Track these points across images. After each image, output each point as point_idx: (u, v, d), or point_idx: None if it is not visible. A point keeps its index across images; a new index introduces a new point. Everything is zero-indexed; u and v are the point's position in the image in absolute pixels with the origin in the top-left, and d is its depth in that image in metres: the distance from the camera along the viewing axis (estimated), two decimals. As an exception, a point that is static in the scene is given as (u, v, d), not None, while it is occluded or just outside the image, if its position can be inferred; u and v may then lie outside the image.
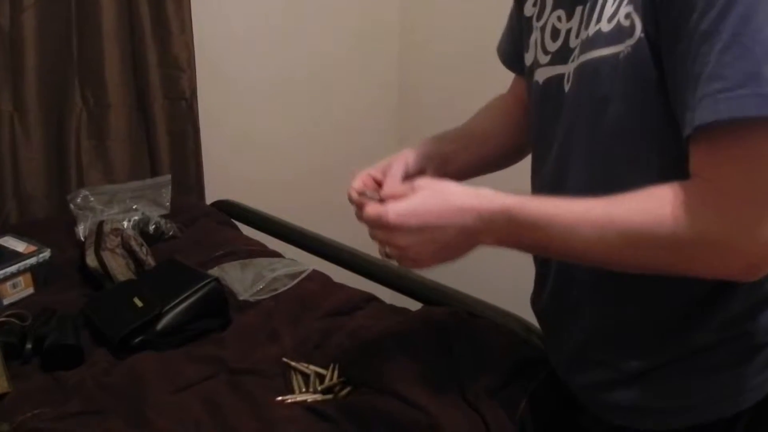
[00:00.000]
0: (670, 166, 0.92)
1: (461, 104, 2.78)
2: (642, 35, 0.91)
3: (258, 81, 2.67)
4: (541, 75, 1.14)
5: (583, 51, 1.02)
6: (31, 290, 1.72)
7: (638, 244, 0.90)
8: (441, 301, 1.64)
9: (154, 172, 2.37)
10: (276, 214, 2.28)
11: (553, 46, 1.10)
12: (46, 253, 1.76)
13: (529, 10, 1.19)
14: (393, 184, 1.19)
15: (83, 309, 1.60)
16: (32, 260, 1.73)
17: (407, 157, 1.26)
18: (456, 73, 2.82)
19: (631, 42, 0.93)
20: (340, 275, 1.85)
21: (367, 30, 2.96)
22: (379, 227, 1.04)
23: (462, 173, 1.32)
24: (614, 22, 0.95)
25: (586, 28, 1.01)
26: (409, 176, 1.23)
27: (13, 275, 1.69)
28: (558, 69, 1.09)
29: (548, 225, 0.95)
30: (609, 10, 0.96)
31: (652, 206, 0.89)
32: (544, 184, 1.16)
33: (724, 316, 1.03)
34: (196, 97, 2.39)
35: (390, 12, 3.01)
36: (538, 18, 1.15)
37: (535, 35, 1.16)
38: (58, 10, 2.12)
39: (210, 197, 2.48)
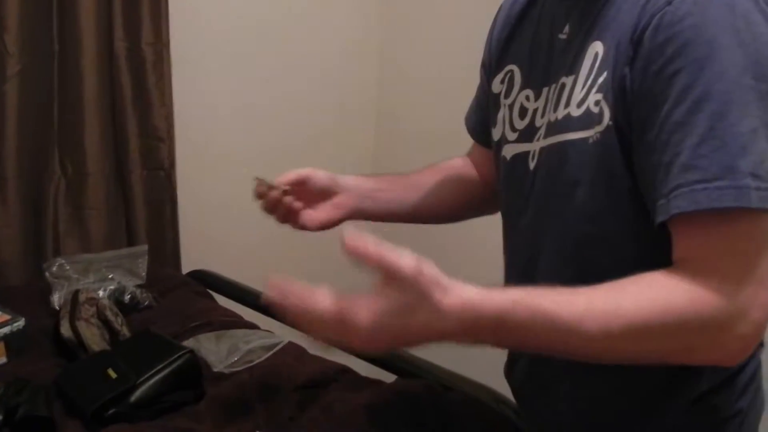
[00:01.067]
0: (641, 248, 0.95)
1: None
2: (610, 122, 0.95)
3: (235, 152, 2.71)
4: (508, 151, 1.18)
5: (551, 132, 1.06)
6: (3, 359, 1.71)
7: (646, 335, 0.88)
8: (415, 373, 1.65)
9: (131, 241, 2.38)
10: (253, 281, 2.29)
11: (521, 124, 1.14)
12: (20, 322, 1.75)
13: (497, 87, 1.23)
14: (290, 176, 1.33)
15: (56, 379, 1.59)
16: (6, 329, 1.72)
17: (317, 173, 1.38)
18: (429, 142, 2.88)
19: (599, 128, 0.96)
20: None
21: (344, 100, 3.03)
22: (334, 323, 0.86)
23: (379, 214, 1.42)
24: (584, 107, 0.99)
25: (555, 110, 1.05)
26: (310, 191, 1.36)
27: (-14, 344, 1.68)
28: (524, 147, 1.13)
29: (549, 325, 0.86)
30: (578, 95, 1.00)
31: (658, 295, 0.88)
32: (515, 257, 1.19)
33: (694, 394, 1.06)
34: (175, 167, 2.43)
35: (368, 87, 3.09)
36: (506, 95, 1.20)
37: (503, 112, 1.20)
38: (40, 79, 2.16)
39: (186, 266, 2.49)
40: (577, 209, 1.02)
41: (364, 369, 1.75)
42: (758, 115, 0.85)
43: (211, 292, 2.25)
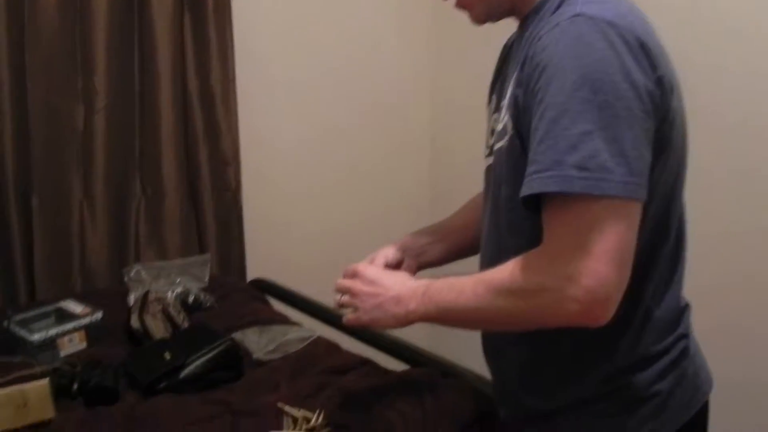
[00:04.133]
0: (538, 233, 1.17)
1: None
2: (512, 132, 1.21)
3: (296, 176, 3.03)
4: (484, 164, 1.42)
5: (494, 143, 1.32)
6: (84, 345, 2.05)
7: (499, 296, 1.16)
8: (425, 363, 1.91)
9: (202, 253, 2.71)
10: (310, 293, 2.58)
11: (489, 141, 1.38)
12: (98, 315, 2.09)
13: (487, 115, 1.47)
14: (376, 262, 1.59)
15: (124, 360, 1.92)
16: (86, 320, 2.07)
17: (387, 252, 1.62)
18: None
19: (507, 137, 1.23)
20: (353, 345, 2.12)
21: (400, 128, 3.30)
22: (349, 275, 1.42)
23: (437, 261, 1.67)
24: (502, 122, 1.25)
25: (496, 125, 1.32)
26: (389, 265, 1.57)
27: (70, 332, 2.02)
28: (489, 160, 1.38)
29: (448, 290, 1.25)
30: (502, 114, 1.27)
31: (509, 267, 1.16)
32: (481, 249, 1.45)
33: (605, 371, 1.27)
34: (241, 188, 2.75)
35: (422, 117, 3.37)
36: (488, 120, 1.44)
37: (486, 133, 1.44)
38: (124, 113, 2.53)
39: (251, 275, 2.81)
40: (502, 203, 1.28)
41: (384, 361, 2.01)
42: (594, 121, 1.05)
43: (268, 297, 2.56)
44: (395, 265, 1.59)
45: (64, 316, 2.09)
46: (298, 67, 2.95)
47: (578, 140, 1.06)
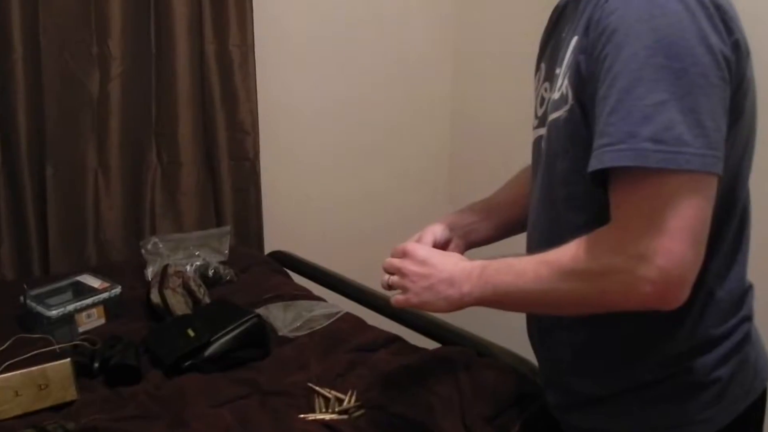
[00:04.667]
0: (601, 209, 1.10)
1: (509, 171, 3.01)
2: (573, 102, 1.12)
3: (315, 146, 2.95)
4: (533, 136, 1.34)
5: (548, 113, 1.23)
6: (102, 321, 1.99)
7: (564, 279, 1.08)
8: (457, 342, 1.84)
9: (219, 224, 2.64)
10: (327, 263, 2.52)
11: (539, 112, 1.31)
12: (117, 290, 2.02)
13: (534, 82, 1.40)
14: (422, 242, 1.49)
15: (145, 337, 1.86)
16: (105, 295, 2.00)
17: (435, 230, 1.52)
18: (504, 141, 3.03)
19: (566, 107, 1.14)
20: (376, 320, 2.06)
21: (421, 100, 3.21)
22: (398, 255, 1.33)
23: (486, 239, 1.59)
24: (560, 91, 1.17)
25: (550, 94, 1.24)
26: (437, 244, 1.49)
27: (88, 307, 1.96)
28: (539, 131, 1.30)
29: (506, 271, 1.17)
30: (558, 82, 1.18)
31: (573, 248, 1.08)
32: (530, 226, 1.37)
33: (663, 355, 1.20)
34: (259, 158, 2.67)
35: (443, 85, 3.27)
36: (536, 89, 1.36)
37: (534, 103, 1.36)
38: (140, 79, 2.44)
39: (268, 248, 2.73)
40: (558, 176, 1.20)
41: (412, 338, 1.94)
42: (669, 90, 0.98)
43: (287, 270, 2.49)
44: (443, 244, 1.51)
45: (81, 291, 2.03)
46: (318, 33, 2.86)
47: (653, 111, 0.99)
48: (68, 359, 1.60)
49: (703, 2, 1.02)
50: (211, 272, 2.26)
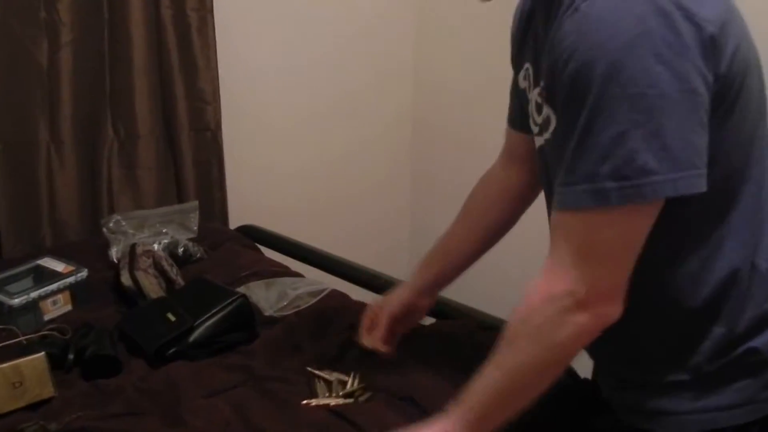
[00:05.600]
0: None
1: (473, 137, 2.93)
2: (556, 125, 1.08)
3: (279, 113, 2.80)
4: (536, 143, 1.25)
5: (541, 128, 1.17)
6: (69, 307, 1.84)
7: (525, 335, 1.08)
8: (451, 316, 1.75)
9: (181, 199, 2.49)
10: (296, 235, 2.41)
11: (538, 119, 1.20)
12: (84, 273, 1.88)
13: (522, 83, 1.29)
14: (378, 336, 1.54)
15: (119, 323, 1.72)
16: (71, 279, 1.85)
17: (392, 309, 1.55)
18: (467, 103, 2.95)
19: (551, 130, 1.10)
20: (356, 294, 1.96)
21: (383, 64, 3.09)
22: None
23: (454, 278, 1.57)
24: (543, 116, 1.13)
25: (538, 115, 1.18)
26: (397, 318, 1.54)
27: (54, 293, 1.81)
28: (540, 141, 1.21)
29: (469, 397, 1.14)
30: (541, 99, 1.13)
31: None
32: None
33: (718, 337, 1.12)
34: (221, 128, 2.52)
35: (405, 48, 3.14)
36: (530, 90, 1.25)
37: (530, 106, 1.25)
38: (92, 47, 2.26)
39: (233, 222, 2.60)
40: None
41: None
42: (628, 119, 0.93)
43: (258, 245, 2.36)
44: (406, 312, 1.55)
45: (43, 276, 1.87)
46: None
47: (611, 145, 0.95)
48: (42, 353, 1.46)
49: (663, 8, 0.93)
50: (180, 250, 2.12)
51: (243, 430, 1.35)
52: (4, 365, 1.42)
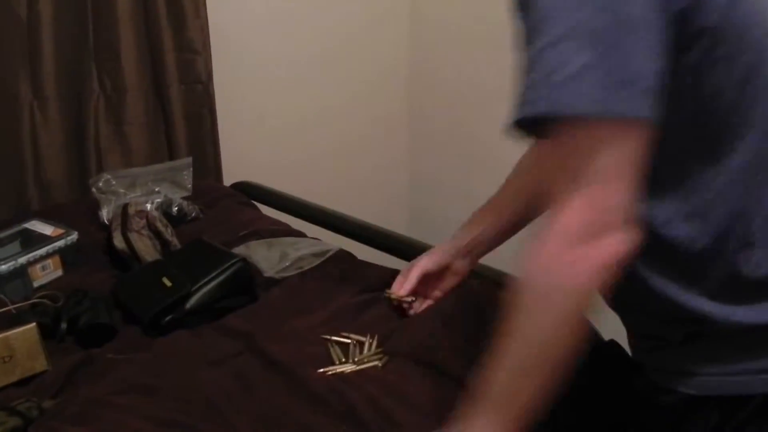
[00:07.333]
0: None
1: (471, 83, 2.82)
2: None
3: (272, 63, 2.68)
4: None
5: None
6: (60, 272, 1.75)
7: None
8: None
9: (172, 155, 2.38)
10: (293, 191, 2.31)
11: None
12: (74, 236, 1.78)
13: None
14: (405, 286, 1.47)
15: (113, 289, 1.63)
16: (60, 243, 1.75)
17: (424, 264, 1.48)
18: (465, 46, 2.83)
19: None
20: (360, 251, 1.87)
21: (378, 10, 2.96)
22: None
23: (494, 246, 1.49)
24: None
25: None
26: (429, 275, 1.47)
27: (43, 258, 1.71)
28: None
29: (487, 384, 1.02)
30: None
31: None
32: None
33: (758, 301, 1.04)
34: (212, 80, 2.40)
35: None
36: None
37: None
38: (73, -5, 2.13)
39: (227, 179, 2.50)
40: None
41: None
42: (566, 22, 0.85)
43: (255, 202, 2.26)
44: (440, 272, 1.49)
45: (31, 240, 1.77)
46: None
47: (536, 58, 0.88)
48: (33, 324, 1.37)
49: None
50: (175, 209, 2.02)
51: (246, 402, 1.26)
52: (-9, 338, 1.33)
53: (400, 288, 1.48)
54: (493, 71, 2.64)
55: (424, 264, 1.47)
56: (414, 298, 1.49)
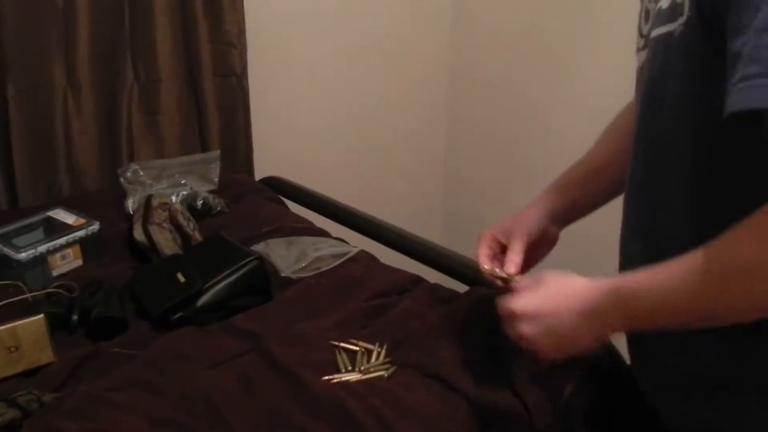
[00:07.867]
0: (728, 143, 0.87)
1: (512, 81, 2.76)
2: (690, 13, 0.86)
3: (309, 59, 2.66)
4: (637, 62, 1.07)
5: (651, 29, 0.97)
6: (79, 262, 1.75)
7: (733, 276, 0.85)
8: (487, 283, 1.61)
9: (204, 147, 2.38)
10: (323, 192, 2.29)
11: (644, 29, 1.03)
12: (95, 226, 1.78)
13: None
14: (515, 260, 1.26)
15: (129, 282, 1.62)
16: (81, 233, 1.75)
17: (529, 228, 1.30)
18: (508, 49, 2.78)
19: (682, 20, 0.88)
20: (386, 255, 1.84)
21: (420, 9, 2.92)
22: (508, 318, 1.12)
23: (585, 214, 1.36)
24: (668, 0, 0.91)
25: (656, 5, 0.97)
26: (532, 240, 1.30)
27: (63, 247, 1.71)
28: (643, 55, 1.03)
29: (651, 284, 0.93)
30: None
31: (737, 236, 0.84)
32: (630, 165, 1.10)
33: None
34: (247, 73, 2.39)
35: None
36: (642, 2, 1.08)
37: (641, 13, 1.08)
38: (110, -15, 2.13)
39: (259, 174, 2.48)
40: (662, 110, 0.95)
41: (436, 279, 1.72)
42: None
43: (283, 198, 2.24)
44: (539, 235, 1.32)
45: (53, 228, 1.78)
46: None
47: None
48: (41, 315, 1.36)
49: None
50: (199, 203, 2.01)
51: (246, 405, 1.24)
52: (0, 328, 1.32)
53: (488, 260, 1.31)
54: (537, 77, 2.58)
55: (529, 231, 1.30)
56: (517, 279, 1.26)
